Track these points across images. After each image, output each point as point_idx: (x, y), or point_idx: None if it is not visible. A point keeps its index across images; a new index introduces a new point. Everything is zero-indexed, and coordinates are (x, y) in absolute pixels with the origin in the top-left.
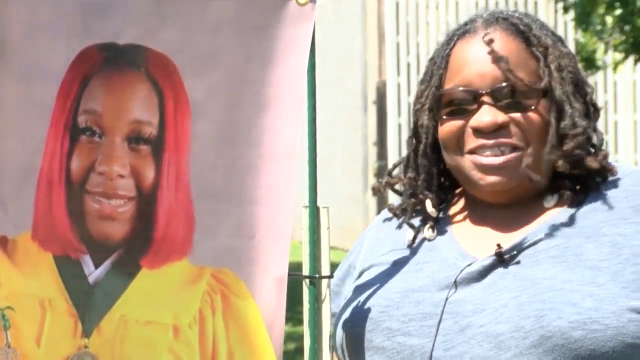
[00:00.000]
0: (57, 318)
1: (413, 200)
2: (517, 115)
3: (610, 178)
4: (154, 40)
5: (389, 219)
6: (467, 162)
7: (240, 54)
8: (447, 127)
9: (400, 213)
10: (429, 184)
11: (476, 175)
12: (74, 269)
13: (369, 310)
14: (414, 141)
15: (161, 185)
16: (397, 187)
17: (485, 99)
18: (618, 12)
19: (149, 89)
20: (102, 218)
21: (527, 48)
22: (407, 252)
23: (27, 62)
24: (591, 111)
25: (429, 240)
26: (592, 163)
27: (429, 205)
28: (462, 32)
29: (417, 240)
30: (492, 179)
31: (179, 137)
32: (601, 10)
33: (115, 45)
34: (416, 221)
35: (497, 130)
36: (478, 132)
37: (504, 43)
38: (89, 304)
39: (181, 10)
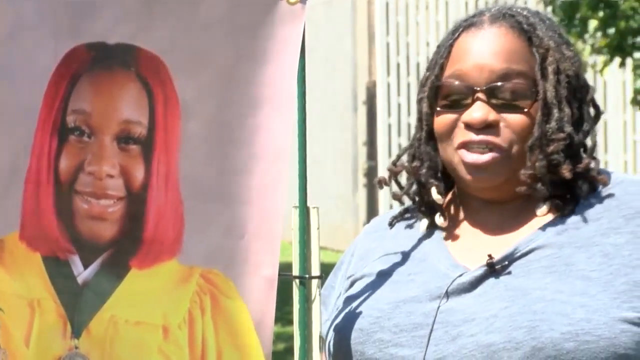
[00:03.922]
0: (45, 319)
1: (419, 188)
2: (508, 116)
3: (601, 187)
4: (144, 39)
5: (379, 229)
6: (456, 156)
7: (231, 53)
8: (441, 119)
9: (400, 214)
10: (434, 171)
11: (462, 170)
12: (63, 270)
13: (360, 321)
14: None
15: (151, 185)
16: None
17: (480, 95)
18: (601, 14)
19: (139, 88)
20: (91, 218)
21: (529, 47)
22: (398, 263)
23: (13, 61)
24: (587, 115)
25: (441, 228)
26: (565, 172)
27: (434, 192)
28: (469, 24)
29: (417, 237)
30: (476, 176)
31: (168, 137)
32: (582, 12)
33: (105, 44)
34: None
35: (486, 127)
36: (468, 127)
37: (507, 40)
38: (78, 305)
39: (171, 10)
